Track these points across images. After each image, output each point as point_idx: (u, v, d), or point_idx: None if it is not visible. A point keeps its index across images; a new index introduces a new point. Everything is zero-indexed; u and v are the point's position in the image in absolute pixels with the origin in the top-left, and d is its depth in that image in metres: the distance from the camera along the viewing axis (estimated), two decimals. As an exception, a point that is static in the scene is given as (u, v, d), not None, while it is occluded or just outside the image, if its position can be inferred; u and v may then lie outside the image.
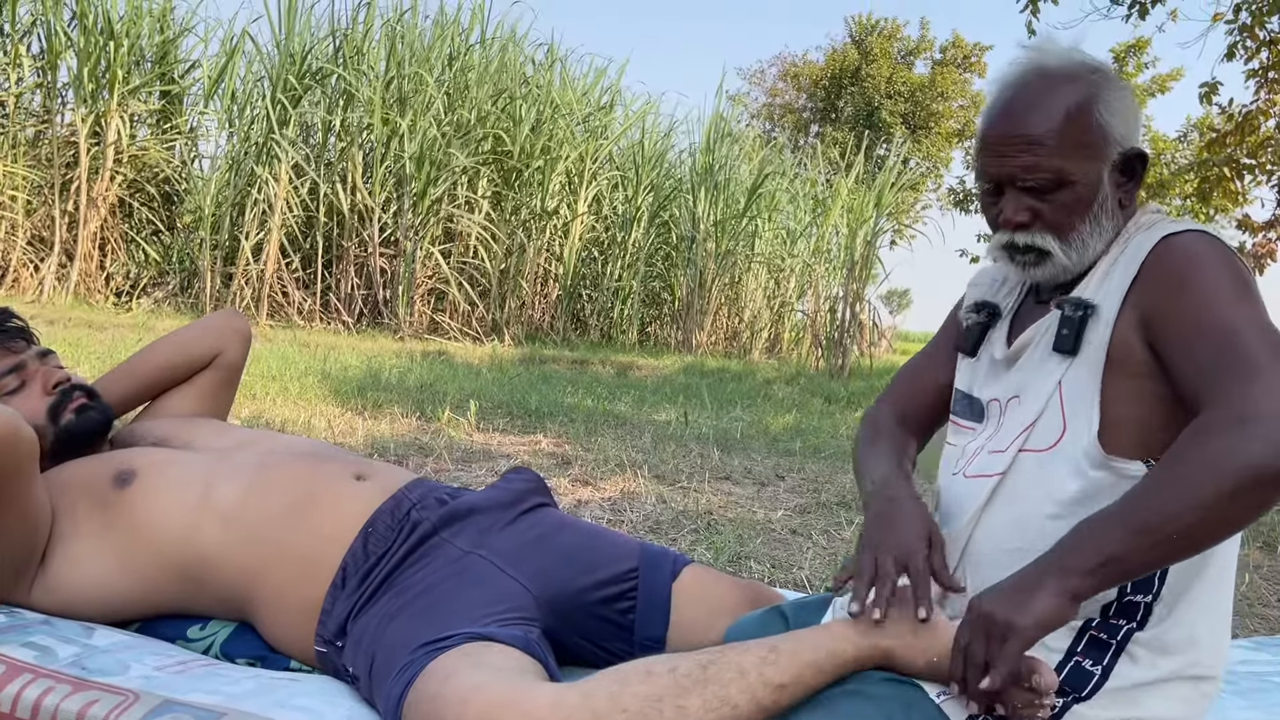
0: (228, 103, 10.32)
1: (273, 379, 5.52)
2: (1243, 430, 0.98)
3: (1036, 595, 1.02)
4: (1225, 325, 1.07)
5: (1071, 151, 1.17)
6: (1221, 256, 1.12)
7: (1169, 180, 13.45)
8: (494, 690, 1.12)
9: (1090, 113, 1.18)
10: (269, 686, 1.34)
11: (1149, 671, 1.12)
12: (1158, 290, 1.14)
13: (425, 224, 10.24)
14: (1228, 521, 1.00)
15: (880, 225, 11.40)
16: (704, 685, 1.12)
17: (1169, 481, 1.01)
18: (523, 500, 1.60)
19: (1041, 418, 1.19)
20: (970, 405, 1.34)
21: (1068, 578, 1.01)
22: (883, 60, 29.95)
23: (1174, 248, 1.14)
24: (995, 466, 1.22)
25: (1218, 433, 1.00)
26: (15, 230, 9.00)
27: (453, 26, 11.46)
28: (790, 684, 1.14)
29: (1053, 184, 1.18)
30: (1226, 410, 1.01)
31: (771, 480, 4.10)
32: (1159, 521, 0.99)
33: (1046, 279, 1.25)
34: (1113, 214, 1.22)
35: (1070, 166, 1.18)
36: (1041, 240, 1.21)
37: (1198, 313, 1.09)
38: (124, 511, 1.52)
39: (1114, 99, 1.19)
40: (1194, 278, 1.11)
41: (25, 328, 1.73)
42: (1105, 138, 1.19)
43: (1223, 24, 6.81)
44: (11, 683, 1.25)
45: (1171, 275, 1.13)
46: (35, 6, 9.53)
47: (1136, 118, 1.22)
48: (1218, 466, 0.98)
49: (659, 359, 10.22)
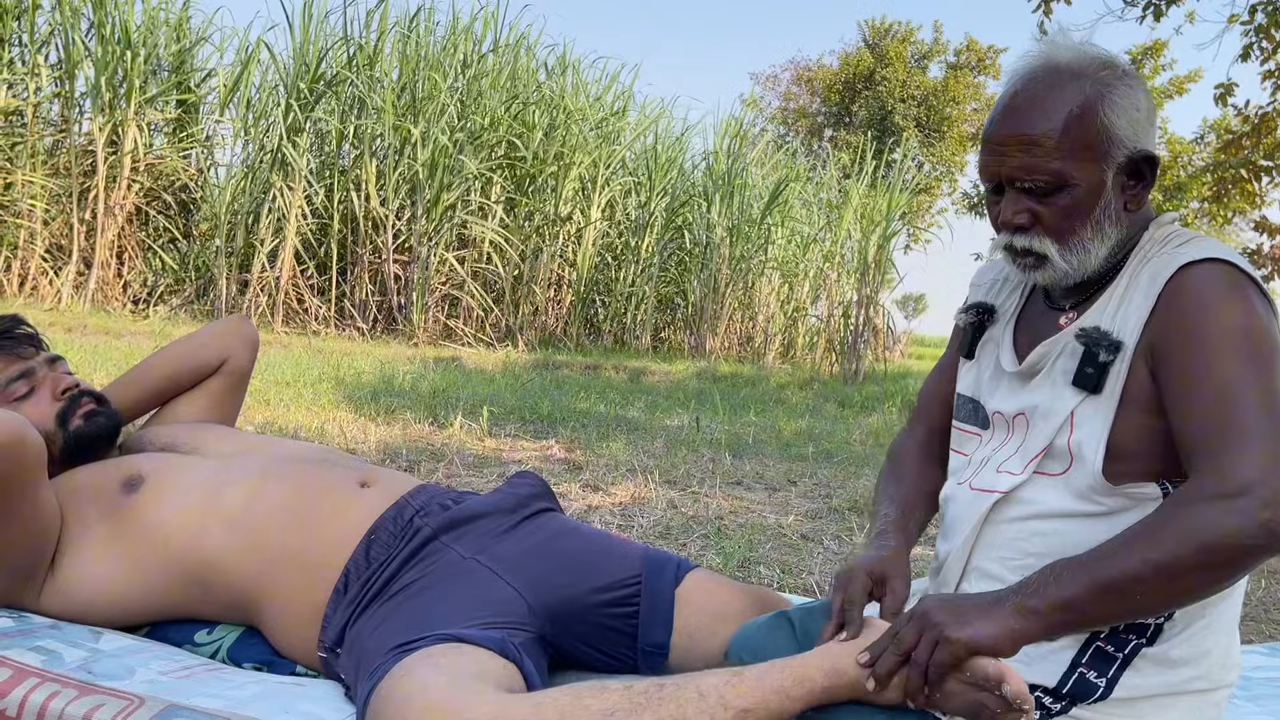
0: (243, 111, 10.38)
1: (287, 385, 5.54)
2: (1221, 506, 0.98)
3: (982, 620, 1.02)
4: (1224, 387, 1.04)
5: (1072, 153, 1.13)
6: (1239, 302, 1.08)
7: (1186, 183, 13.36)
8: (437, 693, 1.11)
9: (1094, 113, 1.13)
10: (273, 691, 1.34)
11: (1155, 683, 1.11)
12: (1168, 329, 1.11)
13: (439, 230, 10.27)
14: (1191, 590, 1.01)
15: (894, 229, 11.36)
16: (660, 704, 1.10)
17: (1143, 544, 1.01)
18: (526, 505, 1.59)
19: (1053, 445, 1.17)
20: (974, 411, 1.32)
21: (1019, 616, 1.02)
22: (897, 64, 29.88)
23: (1191, 285, 1.10)
24: (1001, 484, 1.20)
25: (1198, 503, 1.00)
26: (34, 239, 9.08)
27: (465, 33, 11.50)
28: (755, 708, 1.11)
29: (1052, 186, 1.15)
30: (1211, 481, 1.01)
31: (783, 485, 4.09)
32: (1123, 582, 1.00)
33: (1047, 283, 1.23)
34: (1117, 219, 1.18)
35: (1070, 169, 1.14)
36: (1039, 244, 1.17)
37: (1201, 367, 1.06)
38: (132, 516, 1.53)
39: (1122, 98, 1.14)
40: (1205, 327, 1.08)
41: (35, 334, 1.75)
42: (1110, 139, 1.14)
43: (1238, 25, 6.76)
44: (18, 687, 1.26)
45: (1184, 318, 1.09)
46: (53, 17, 9.61)
47: (1148, 118, 1.17)
48: (1192, 538, 0.98)
49: (672, 364, 10.22)
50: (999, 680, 1.02)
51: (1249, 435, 1.00)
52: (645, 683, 1.14)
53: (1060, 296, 1.26)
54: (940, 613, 1.05)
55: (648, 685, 1.13)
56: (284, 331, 9.40)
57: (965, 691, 1.04)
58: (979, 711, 1.04)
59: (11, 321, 1.72)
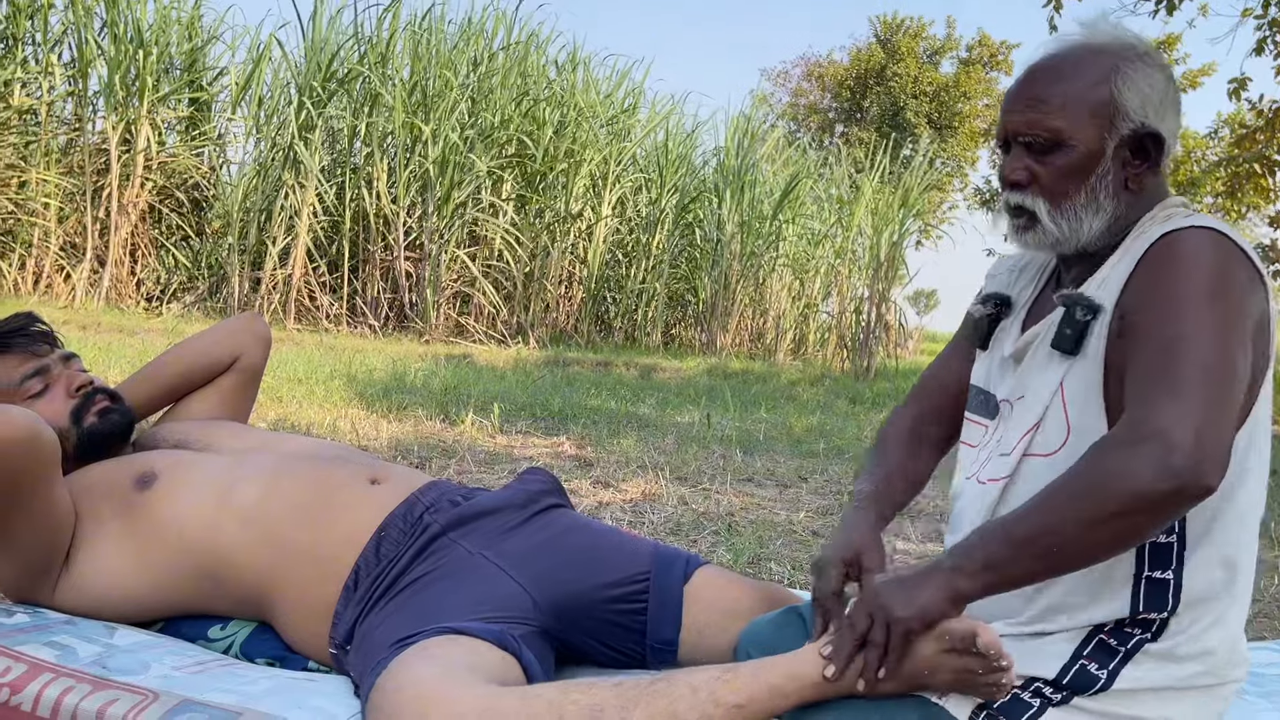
0: (255, 109, 10.42)
1: (299, 382, 5.56)
2: (1136, 451, 0.97)
3: (923, 590, 1.06)
4: (1175, 330, 1.03)
5: (1074, 114, 1.15)
6: (1214, 255, 1.07)
7: (1199, 178, 13.29)
8: (427, 684, 1.11)
9: (1105, 81, 1.15)
10: (285, 687, 1.35)
11: (1157, 676, 1.10)
12: (1138, 285, 1.10)
13: (450, 228, 10.29)
14: (1105, 542, 1.00)
15: (906, 225, 11.33)
16: (651, 699, 1.10)
17: (1058, 496, 1.01)
18: (536, 501, 1.60)
19: (1045, 420, 1.16)
20: (985, 401, 1.32)
21: (954, 579, 1.05)
22: (908, 59, 29.78)
23: (1169, 243, 1.09)
24: (1003, 470, 1.20)
25: (1114, 450, 1.00)
26: (48, 237, 9.14)
27: (476, 30, 11.51)
28: (747, 704, 1.11)
29: (1050, 143, 1.16)
30: (1133, 427, 1.00)
31: (794, 482, 4.08)
32: (1039, 535, 1.01)
33: (1036, 247, 1.22)
34: (1115, 194, 1.17)
35: (1070, 129, 1.15)
36: (1032, 202, 1.19)
37: (1158, 310, 1.06)
38: (145, 513, 1.54)
39: (1136, 73, 1.15)
40: (1171, 273, 1.07)
41: (49, 332, 1.76)
42: (1115, 108, 1.15)
43: (1252, 19, 6.72)
44: (33, 681, 1.27)
45: (1154, 270, 1.09)
46: (66, 16, 9.67)
47: (1164, 100, 1.17)
48: (1104, 486, 0.98)
49: (683, 361, 10.22)
50: (971, 636, 1.04)
51: (1178, 385, 0.99)
52: (636, 678, 1.14)
53: (1070, 279, 1.25)
54: (886, 592, 1.09)
55: (638, 681, 1.13)
56: (296, 329, 9.44)
57: (947, 660, 1.07)
58: (966, 679, 1.06)
59: (26, 319, 1.74)
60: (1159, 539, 1.09)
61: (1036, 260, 1.36)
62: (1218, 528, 1.10)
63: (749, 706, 1.11)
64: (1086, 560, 1.03)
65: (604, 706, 1.09)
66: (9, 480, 1.38)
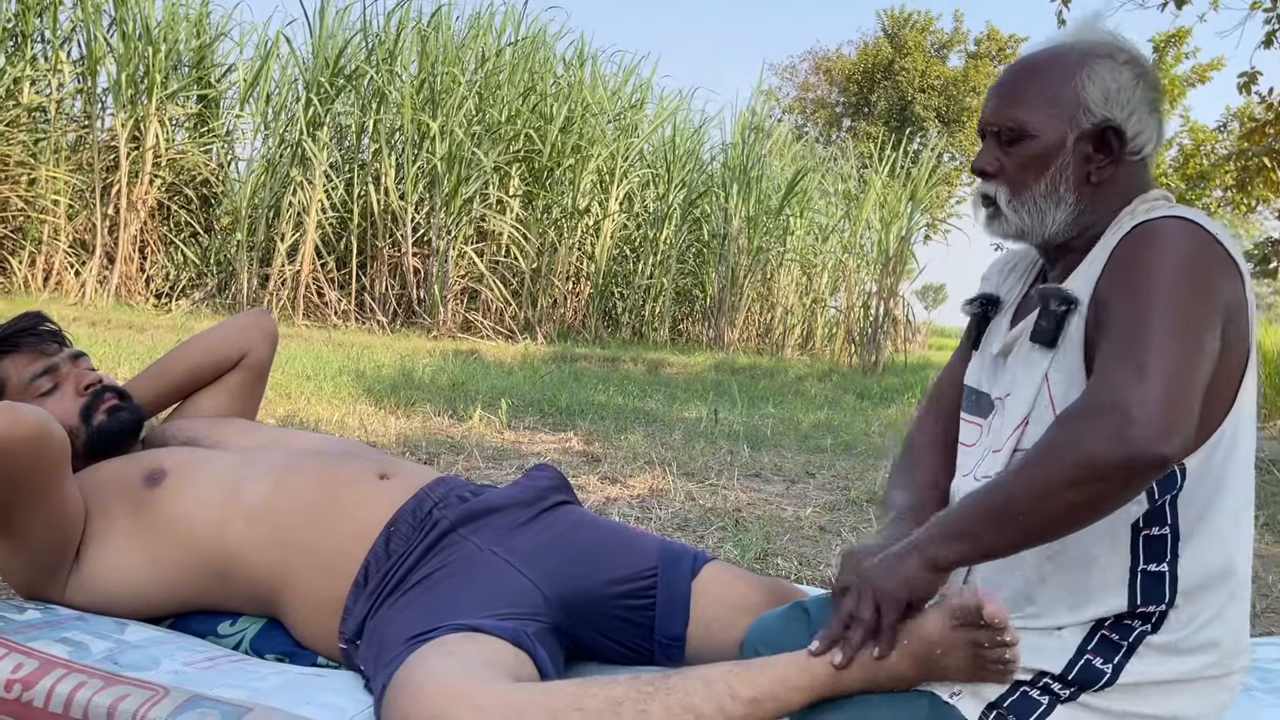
0: (263, 106, 10.44)
1: (308, 379, 5.58)
2: (1096, 420, 0.99)
3: (905, 563, 1.11)
4: (1140, 313, 1.04)
5: (1037, 107, 1.19)
6: (1185, 240, 1.08)
7: (1209, 171, 13.21)
8: (448, 680, 1.12)
9: (1070, 76, 1.19)
10: (295, 682, 1.36)
11: (1161, 670, 1.10)
12: (1110, 273, 1.12)
13: (457, 224, 10.30)
14: (1066, 513, 1.01)
15: (914, 220, 11.30)
16: (667, 692, 1.11)
17: (1024, 466, 1.04)
18: (544, 498, 1.61)
19: (1033, 414, 1.17)
20: (977, 401, 1.33)
21: (930, 548, 1.09)
22: (916, 54, 29.69)
23: (1140, 232, 1.11)
24: (996, 467, 1.20)
25: (1075, 419, 1.01)
26: (57, 234, 9.16)
27: (484, 27, 11.51)
28: (761, 698, 1.12)
29: (1014, 135, 1.20)
30: (1095, 397, 1.02)
31: (801, 477, 4.08)
32: (1007, 504, 1.03)
33: (1000, 235, 1.26)
34: (1076, 186, 1.20)
35: (1033, 120, 1.19)
36: (993, 190, 1.23)
37: (1126, 296, 1.07)
38: (155, 510, 1.55)
39: (1103, 69, 1.18)
40: (1142, 258, 1.09)
41: (58, 331, 1.77)
42: (1076, 101, 1.18)
43: (1261, 12, 6.68)
44: (45, 678, 1.28)
45: (1125, 257, 1.11)
46: (75, 13, 9.69)
47: (1130, 97, 1.19)
48: (1064, 454, 0.99)
49: (690, 356, 10.22)
50: (977, 608, 1.06)
51: (1139, 358, 1.00)
52: (652, 674, 1.16)
53: (1055, 279, 1.26)
54: (871, 569, 1.13)
55: (655, 675, 1.15)
56: (304, 325, 9.46)
57: (956, 635, 1.08)
58: (976, 656, 1.08)
59: (35, 318, 1.75)
60: (1151, 531, 1.10)
61: (1025, 260, 1.38)
62: (1210, 520, 1.11)
63: (763, 700, 1.12)
64: (1051, 530, 1.04)
65: (623, 700, 1.10)
66: (20, 477, 1.39)
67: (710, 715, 1.10)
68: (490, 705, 1.08)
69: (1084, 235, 1.22)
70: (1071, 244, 1.23)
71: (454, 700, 1.09)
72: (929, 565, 1.09)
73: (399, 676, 1.18)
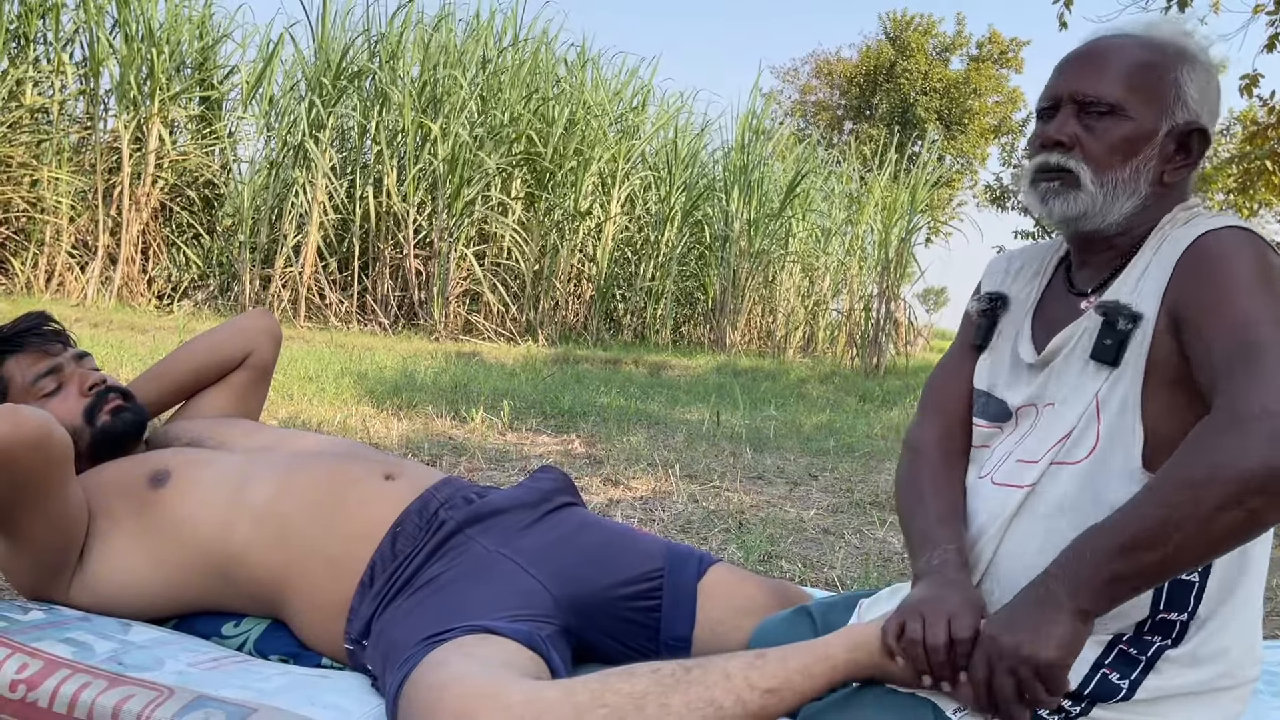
0: (265, 107, 10.45)
1: (310, 380, 5.58)
2: (1243, 432, 0.94)
3: (1056, 623, 0.99)
4: (1243, 317, 1.02)
5: (1138, 90, 1.15)
6: (1254, 250, 1.07)
7: (1211, 174, 13.21)
8: (473, 681, 1.12)
9: (1170, 69, 1.15)
10: (300, 683, 1.36)
11: (1178, 684, 1.09)
12: (1186, 287, 1.09)
13: (459, 226, 10.30)
14: (1229, 532, 0.95)
15: (916, 223, 11.30)
16: (687, 686, 1.12)
17: (1166, 490, 0.97)
18: (549, 499, 1.60)
19: (1076, 429, 1.14)
20: (991, 405, 1.29)
21: (1080, 598, 0.99)
22: (918, 56, 29.71)
23: (1207, 244, 1.09)
24: (1025, 477, 1.17)
25: (1217, 434, 0.96)
26: (60, 235, 9.17)
27: (486, 29, 11.52)
28: (780, 688, 1.13)
29: (1108, 110, 1.15)
30: (1230, 412, 0.97)
31: (804, 479, 4.08)
32: (1161, 534, 0.95)
33: (1062, 214, 1.19)
34: (1153, 182, 1.16)
35: (1133, 102, 1.14)
36: (1076, 165, 1.16)
37: (1218, 304, 1.04)
38: (159, 511, 1.55)
39: (1199, 70, 1.16)
40: (1220, 270, 1.06)
41: (62, 331, 1.77)
42: (1177, 97, 1.15)
43: (1264, 15, 6.68)
44: (50, 678, 1.28)
45: (1200, 271, 1.08)
46: (78, 15, 9.70)
47: (1216, 102, 1.18)
48: (1215, 474, 0.93)
49: (692, 358, 10.21)
50: None
51: (1263, 366, 0.97)
52: (671, 665, 1.16)
53: (1084, 281, 1.24)
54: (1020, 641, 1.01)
55: (674, 668, 1.15)
56: (306, 327, 9.46)
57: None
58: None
59: (38, 318, 1.74)
60: None
61: (1034, 259, 1.35)
62: None
63: (781, 690, 1.13)
64: (1205, 554, 0.98)
65: (645, 694, 1.10)
66: (22, 479, 1.39)
67: (729, 707, 1.11)
68: (516, 704, 1.08)
69: (1129, 234, 1.19)
70: (1114, 241, 1.20)
71: (480, 701, 1.09)
72: (1082, 618, 1.00)
73: (418, 676, 1.18)
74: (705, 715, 1.10)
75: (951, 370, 1.41)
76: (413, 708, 1.15)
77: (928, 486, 1.30)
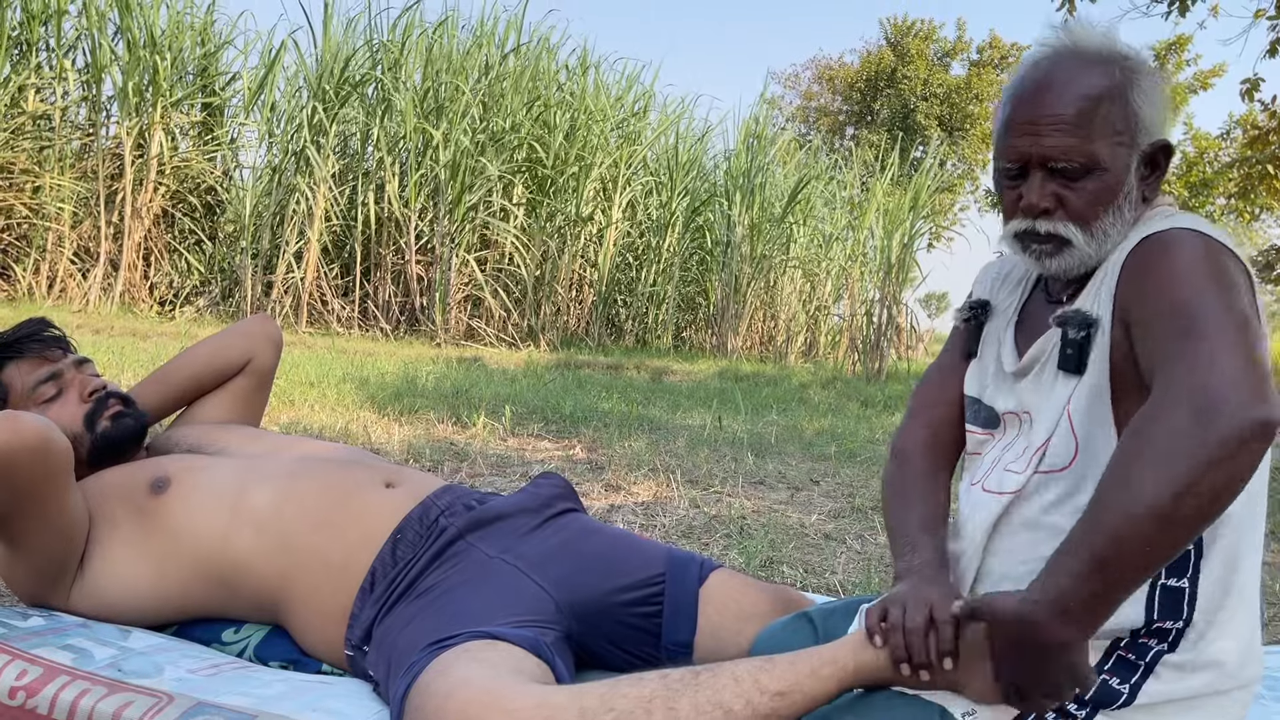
0: (267, 114, 10.47)
1: (311, 385, 5.58)
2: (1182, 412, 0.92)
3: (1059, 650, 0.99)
4: (1183, 303, 1.00)
5: (1106, 136, 1.12)
6: (1196, 243, 1.06)
7: (1212, 179, 13.20)
8: (479, 685, 1.12)
9: (1125, 98, 1.13)
10: (300, 689, 1.36)
11: (1177, 688, 1.09)
12: (1131, 286, 1.09)
13: (461, 232, 10.31)
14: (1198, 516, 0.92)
15: (917, 228, 11.30)
16: (695, 690, 1.12)
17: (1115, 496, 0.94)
18: (550, 505, 1.60)
19: (1053, 438, 1.15)
20: (981, 412, 1.30)
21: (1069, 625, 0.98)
22: (919, 62, 29.73)
23: (1150, 243, 1.09)
24: (1009, 485, 1.18)
25: (1160, 418, 0.94)
26: (62, 242, 9.18)
27: (488, 36, 11.54)
28: (789, 691, 1.13)
29: (1083, 169, 1.13)
30: (1169, 390, 0.95)
31: (806, 485, 4.07)
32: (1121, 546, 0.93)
33: (1061, 271, 1.19)
34: (1135, 206, 1.17)
35: (1103, 152, 1.13)
36: (1064, 228, 1.15)
37: (1159, 294, 1.04)
38: (159, 517, 1.55)
39: (1148, 86, 1.15)
40: (1162, 263, 1.06)
41: (62, 336, 1.76)
42: (1138, 125, 1.14)
43: (1265, 20, 6.69)
44: (49, 684, 1.27)
45: (1143, 266, 1.08)
46: (80, 22, 9.72)
47: (1166, 108, 1.17)
48: (1167, 472, 0.90)
49: (693, 364, 10.21)
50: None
51: (1200, 340, 0.96)
52: (680, 671, 1.16)
53: (1059, 290, 1.24)
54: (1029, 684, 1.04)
55: (683, 673, 1.15)
56: (308, 332, 9.46)
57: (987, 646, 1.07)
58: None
59: (39, 324, 1.74)
60: None
61: (1020, 265, 1.35)
62: (1224, 531, 1.09)
63: (790, 693, 1.13)
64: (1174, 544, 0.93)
65: (652, 698, 1.11)
66: (23, 486, 1.39)
67: (738, 710, 1.11)
68: (524, 709, 1.08)
69: None
70: None
71: (488, 706, 1.09)
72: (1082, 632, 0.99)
73: (424, 681, 1.18)
74: (713, 718, 1.10)
75: (938, 376, 1.42)
76: (419, 713, 1.14)
77: (913, 491, 1.32)
